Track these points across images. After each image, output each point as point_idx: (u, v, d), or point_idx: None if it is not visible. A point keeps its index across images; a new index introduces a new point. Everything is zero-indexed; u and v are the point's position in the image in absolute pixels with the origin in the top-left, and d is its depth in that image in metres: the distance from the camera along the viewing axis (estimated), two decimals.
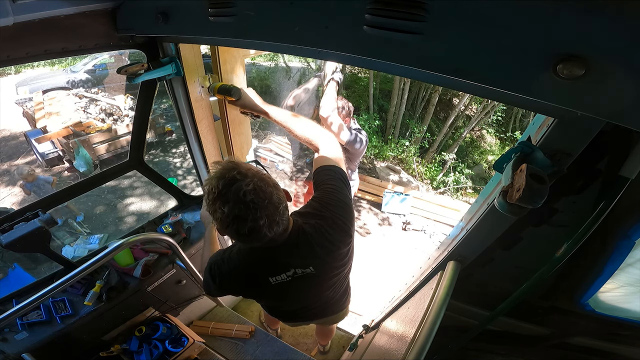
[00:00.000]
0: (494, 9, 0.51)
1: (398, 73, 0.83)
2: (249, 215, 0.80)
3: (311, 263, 1.01)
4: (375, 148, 6.63)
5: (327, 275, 1.10)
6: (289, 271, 1.01)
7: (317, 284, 1.11)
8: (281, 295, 1.13)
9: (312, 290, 1.15)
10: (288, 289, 1.06)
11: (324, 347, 2.33)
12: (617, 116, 0.49)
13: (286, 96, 2.39)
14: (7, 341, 1.44)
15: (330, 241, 1.00)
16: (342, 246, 1.04)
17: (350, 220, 1.05)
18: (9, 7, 0.88)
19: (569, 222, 0.81)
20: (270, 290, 1.05)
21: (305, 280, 1.03)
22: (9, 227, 1.32)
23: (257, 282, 1.05)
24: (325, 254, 1.01)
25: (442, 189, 6.13)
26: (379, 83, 8.36)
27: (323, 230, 0.99)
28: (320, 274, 1.04)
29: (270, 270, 1.01)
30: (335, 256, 1.05)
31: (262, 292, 1.14)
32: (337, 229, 1.01)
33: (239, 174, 0.80)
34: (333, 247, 1.02)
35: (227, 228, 0.83)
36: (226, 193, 0.79)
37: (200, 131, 1.65)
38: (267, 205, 0.82)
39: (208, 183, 0.83)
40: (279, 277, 1.01)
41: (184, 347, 1.80)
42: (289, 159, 6.10)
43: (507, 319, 1.17)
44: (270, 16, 0.81)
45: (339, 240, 1.03)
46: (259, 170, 0.86)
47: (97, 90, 7.19)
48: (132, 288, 1.69)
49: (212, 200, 0.81)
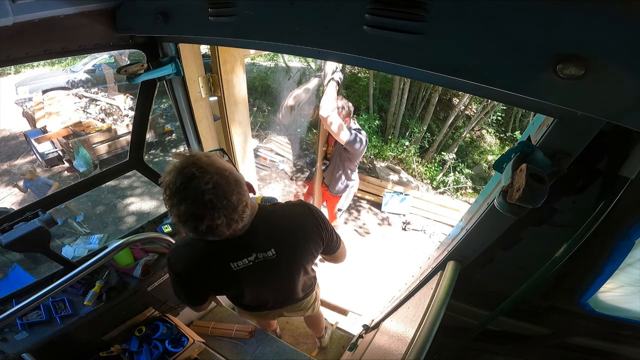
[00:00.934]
0: (494, 9, 0.51)
1: (398, 73, 0.83)
2: (207, 215, 0.78)
3: (273, 246, 1.01)
4: (375, 148, 6.63)
5: (288, 260, 1.09)
6: (251, 256, 1.01)
7: (279, 270, 1.10)
8: (245, 282, 1.11)
9: (275, 276, 1.14)
10: (250, 274, 1.05)
11: (320, 341, 2.32)
12: (617, 116, 0.49)
13: (286, 96, 2.39)
14: (7, 341, 1.44)
15: (295, 227, 1.05)
16: (309, 234, 1.08)
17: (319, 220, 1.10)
18: (8, 7, 0.88)
19: (569, 222, 0.81)
20: (234, 277, 1.05)
21: (267, 265, 1.03)
22: (9, 227, 1.32)
23: (219, 269, 1.03)
24: (289, 237, 1.04)
25: (442, 188, 6.14)
26: (379, 83, 8.36)
27: (290, 216, 1.05)
28: (281, 258, 1.04)
29: (232, 256, 1.01)
30: (299, 242, 1.07)
31: (226, 281, 1.10)
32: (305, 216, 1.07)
33: (198, 170, 0.77)
34: (296, 233, 1.05)
35: (184, 225, 0.81)
36: (184, 190, 0.76)
37: (200, 131, 1.65)
38: (225, 205, 0.79)
39: (166, 176, 0.79)
40: (240, 262, 1.01)
41: (184, 347, 1.80)
42: (289, 158, 6.10)
43: (507, 319, 1.17)
44: (270, 16, 0.81)
45: (306, 227, 1.07)
46: (221, 165, 0.83)
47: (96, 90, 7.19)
48: (132, 288, 1.69)
49: (169, 196, 0.78)
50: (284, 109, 2.41)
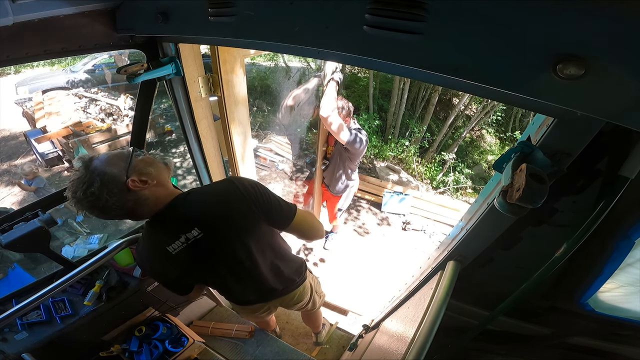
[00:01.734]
0: (494, 8, 0.51)
1: (398, 73, 0.83)
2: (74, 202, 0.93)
3: (195, 225, 1.02)
4: (375, 148, 6.63)
5: (225, 240, 1.08)
6: (180, 237, 1.03)
7: (216, 250, 1.09)
8: (192, 266, 1.12)
9: (216, 258, 1.12)
10: (190, 257, 1.06)
11: (316, 336, 2.32)
12: (617, 116, 0.49)
13: (286, 96, 2.39)
14: (7, 341, 1.44)
15: (223, 199, 1.04)
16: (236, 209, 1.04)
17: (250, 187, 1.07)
18: (8, 7, 0.87)
19: (569, 222, 0.81)
20: (177, 261, 1.06)
21: (200, 246, 1.04)
22: (9, 227, 1.32)
23: (161, 255, 1.07)
24: (211, 214, 1.04)
25: (442, 188, 6.13)
26: (379, 83, 8.36)
27: (210, 192, 1.08)
28: (211, 237, 1.05)
29: (164, 240, 1.04)
30: (225, 218, 1.04)
31: (174, 266, 1.11)
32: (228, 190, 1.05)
33: (78, 169, 0.94)
34: (225, 205, 1.04)
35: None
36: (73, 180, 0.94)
37: (200, 131, 1.65)
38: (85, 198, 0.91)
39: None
40: (174, 244, 1.03)
41: (184, 347, 1.80)
42: (289, 158, 6.10)
43: (507, 319, 1.17)
44: (270, 16, 0.81)
45: (232, 201, 1.04)
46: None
47: (96, 90, 7.20)
48: (132, 288, 1.69)
49: None
50: (284, 109, 2.41)
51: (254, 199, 1.05)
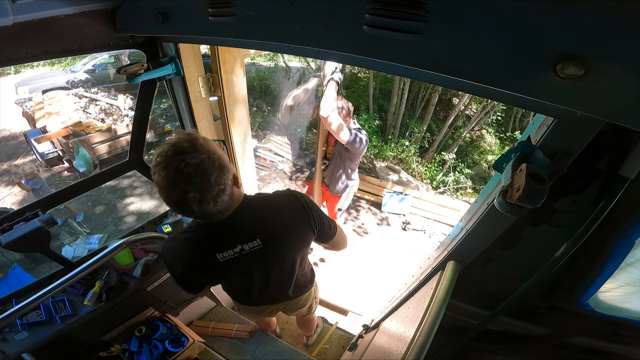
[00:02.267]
0: (494, 9, 0.51)
1: (398, 73, 0.83)
2: (180, 186, 0.81)
3: (257, 235, 1.01)
4: (375, 148, 6.63)
5: (277, 250, 1.09)
6: (236, 247, 1.01)
7: (267, 261, 1.11)
8: (234, 274, 1.13)
9: (264, 267, 1.14)
10: (237, 266, 1.06)
11: (308, 339, 2.34)
12: (616, 116, 0.49)
13: (286, 96, 2.39)
14: (7, 341, 1.43)
15: (281, 214, 1.04)
16: (296, 223, 1.06)
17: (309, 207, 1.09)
18: (8, 7, 0.88)
19: (569, 222, 0.81)
20: (221, 268, 1.06)
21: (254, 256, 1.04)
22: (9, 227, 1.32)
23: (205, 261, 1.05)
24: (272, 226, 1.03)
25: (442, 188, 6.14)
26: (379, 83, 8.36)
27: (276, 205, 1.04)
28: (268, 248, 1.04)
29: (217, 247, 1.02)
30: (285, 230, 1.05)
31: (214, 272, 1.12)
32: (292, 203, 1.06)
33: (191, 146, 0.82)
34: (282, 219, 1.04)
35: (160, 193, 0.85)
36: (170, 160, 0.81)
37: (200, 131, 1.65)
38: (202, 182, 0.83)
39: (162, 145, 0.85)
40: (226, 253, 1.02)
41: (184, 347, 1.80)
42: (289, 158, 6.10)
43: (507, 319, 1.17)
44: (270, 16, 0.81)
45: (293, 216, 1.05)
46: (214, 149, 0.87)
47: (96, 90, 7.19)
48: (132, 288, 1.69)
49: (156, 163, 0.83)
50: (284, 109, 2.41)
51: (313, 217, 1.08)
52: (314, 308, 1.78)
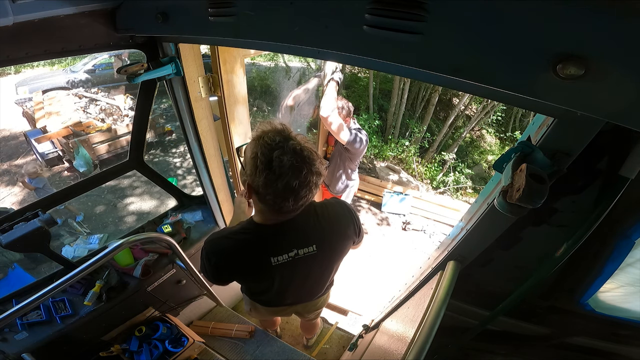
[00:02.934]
0: (494, 8, 0.51)
1: (398, 73, 0.83)
2: (304, 168, 0.82)
3: (316, 242, 1.03)
4: (375, 148, 6.63)
5: (328, 259, 1.12)
6: (291, 252, 1.02)
7: (315, 268, 1.13)
8: (281, 277, 1.11)
9: (311, 272, 1.16)
10: (288, 270, 1.06)
11: (308, 341, 2.36)
12: (616, 116, 0.49)
13: (286, 96, 2.40)
14: (7, 341, 1.44)
15: (339, 223, 1.07)
16: (347, 232, 1.10)
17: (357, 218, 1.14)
18: (8, 7, 0.87)
19: (569, 222, 0.81)
20: (271, 271, 1.05)
21: (305, 262, 1.05)
22: (9, 227, 1.32)
23: (258, 263, 1.03)
24: (332, 234, 1.06)
25: (442, 188, 6.14)
26: (379, 83, 8.37)
27: (335, 212, 1.07)
28: (322, 255, 1.06)
29: (273, 250, 1.01)
30: (340, 238, 1.09)
31: (263, 275, 1.10)
32: (347, 214, 1.10)
33: (292, 134, 0.86)
34: (339, 229, 1.07)
35: (277, 180, 0.82)
36: (284, 146, 0.82)
37: (200, 131, 1.65)
38: (318, 164, 0.86)
39: (262, 137, 0.85)
40: (280, 257, 1.02)
41: (184, 347, 1.80)
42: None
43: (507, 319, 1.17)
44: (270, 16, 0.81)
45: (347, 225, 1.09)
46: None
47: (96, 90, 7.19)
48: (132, 288, 1.69)
49: (267, 152, 0.82)
50: (284, 109, 2.41)
51: (357, 224, 1.13)
52: (320, 312, 1.78)
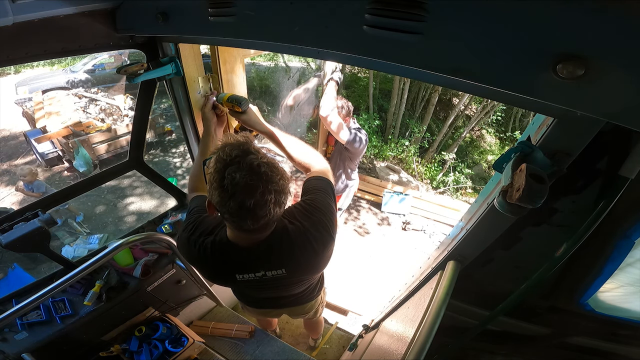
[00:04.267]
0: (494, 8, 0.51)
1: (398, 73, 0.83)
2: (260, 186, 0.77)
3: (285, 265, 0.98)
4: (375, 148, 6.63)
5: (298, 278, 1.10)
6: (259, 272, 0.99)
7: (285, 284, 1.12)
8: (249, 290, 1.19)
9: (280, 289, 1.16)
10: (255, 285, 1.07)
11: (315, 342, 2.36)
12: (616, 116, 0.49)
13: (286, 96, 2.39)
14: (7, 341, 1.44)
15: (312, 245, 0.97)
16: (324, 251, 1.00)
17: (334, 227, 1.03)
18: (8, 7, 0.87)
19: (569, 222, 0.81)
20: (236, 284, 1.06)
21: (273, 281, 1.03)
22: (9, 227, 1.32)
23: (222, 275, 1.05)
24: (303, 257, 0.98)
25: (442, 188, 6.14)
26: (379, 83, 8.36)
27: (307, 233, 0.96)
28: (291, 276, 1.03)
29: (239, 268, 1.00)
30: (313, 260, 1.01)
31: (228, 284, 1.17)
32: (322, 232, 0.99)
33: (253, 148, 0.80)
34: (313, 250, 0.98)
35: (230, 199, 0.77)
36: (240, 161, 0.77)
37: (200, 131, 1.65)
38: (278, 181, 0.80)
39: (219, 151, 0.80)
40: (246, 275, 1.00)
41: (183, 347, 1.80)
42: None
43: (507, 319, 1.17)
44: (270, 16, 0.81)
45: (322, 244, 0.99)
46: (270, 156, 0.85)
47: (96, 90, 7.19)
48: (132, 288, 1.69)
49: (221, 168, 0.78)
50: (284, 108, 2.41)
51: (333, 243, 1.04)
52: (320, 312, 1.78)
